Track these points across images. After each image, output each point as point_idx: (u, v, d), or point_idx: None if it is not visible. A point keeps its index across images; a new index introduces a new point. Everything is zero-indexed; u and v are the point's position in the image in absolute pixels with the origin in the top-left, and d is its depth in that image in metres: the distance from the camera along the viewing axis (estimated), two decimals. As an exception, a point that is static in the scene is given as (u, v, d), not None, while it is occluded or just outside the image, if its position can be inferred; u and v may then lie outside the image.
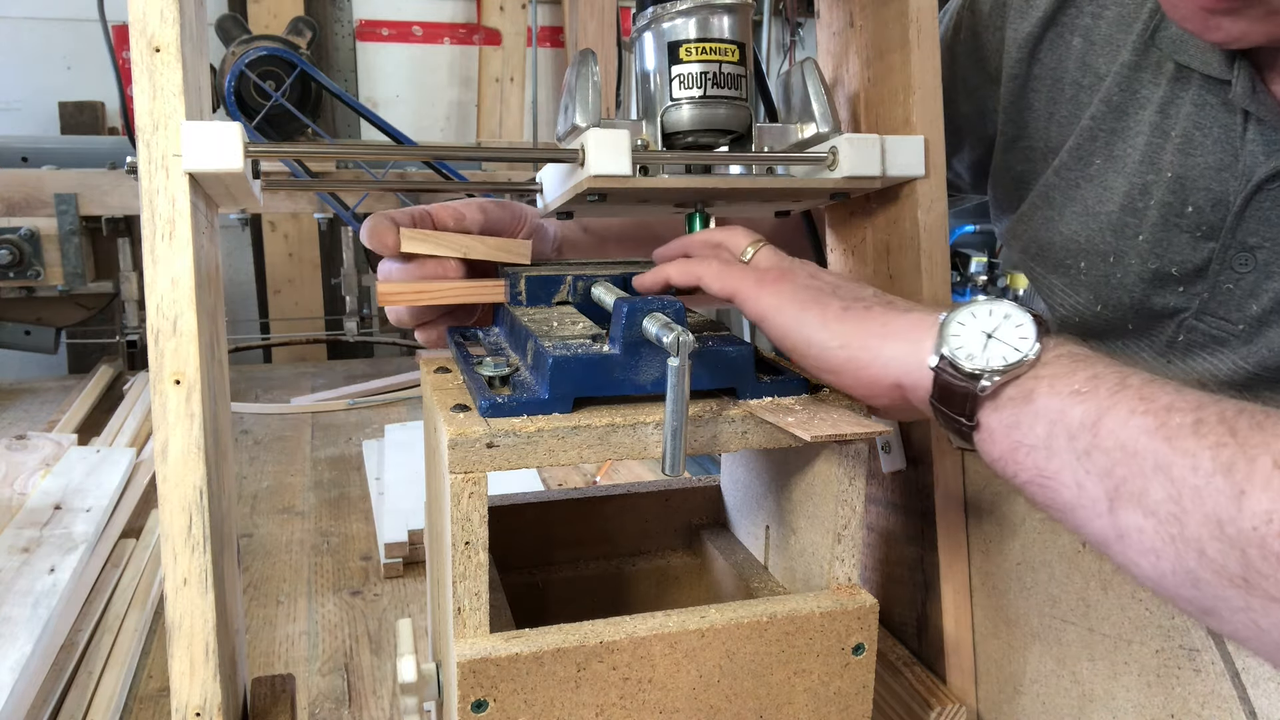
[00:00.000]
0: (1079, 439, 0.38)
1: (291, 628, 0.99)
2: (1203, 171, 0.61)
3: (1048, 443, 0.39)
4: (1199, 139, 0.61)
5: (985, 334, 0.41)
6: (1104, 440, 0.37)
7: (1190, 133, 0.61)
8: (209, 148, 0.44)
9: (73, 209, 1.76)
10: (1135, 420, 0.36)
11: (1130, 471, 0.36)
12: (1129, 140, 0.65)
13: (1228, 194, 0.60)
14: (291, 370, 2.30)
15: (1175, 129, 0.62)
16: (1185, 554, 0.35)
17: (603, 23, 3.00)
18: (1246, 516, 0.33)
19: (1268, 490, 0.32)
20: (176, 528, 0.44)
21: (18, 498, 1.19)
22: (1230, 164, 0.60)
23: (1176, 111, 0.62)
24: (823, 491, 0.51)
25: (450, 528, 0.44)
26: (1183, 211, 0.62)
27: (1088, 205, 0.67)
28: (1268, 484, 0.32)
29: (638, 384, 0.47)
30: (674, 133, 0.56)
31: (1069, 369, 0.39)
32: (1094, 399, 0.38)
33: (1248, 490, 0.33)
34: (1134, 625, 0.50)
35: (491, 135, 3.21)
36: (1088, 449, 0.37)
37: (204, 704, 0.44)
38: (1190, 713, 0.48)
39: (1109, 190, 0.66)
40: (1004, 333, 0.41)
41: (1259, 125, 0.58)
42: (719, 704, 0.48)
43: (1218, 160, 0.60)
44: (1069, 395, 0.38)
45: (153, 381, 0.43)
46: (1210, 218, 0.61)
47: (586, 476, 1.39)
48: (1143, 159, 0.64)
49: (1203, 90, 0.61)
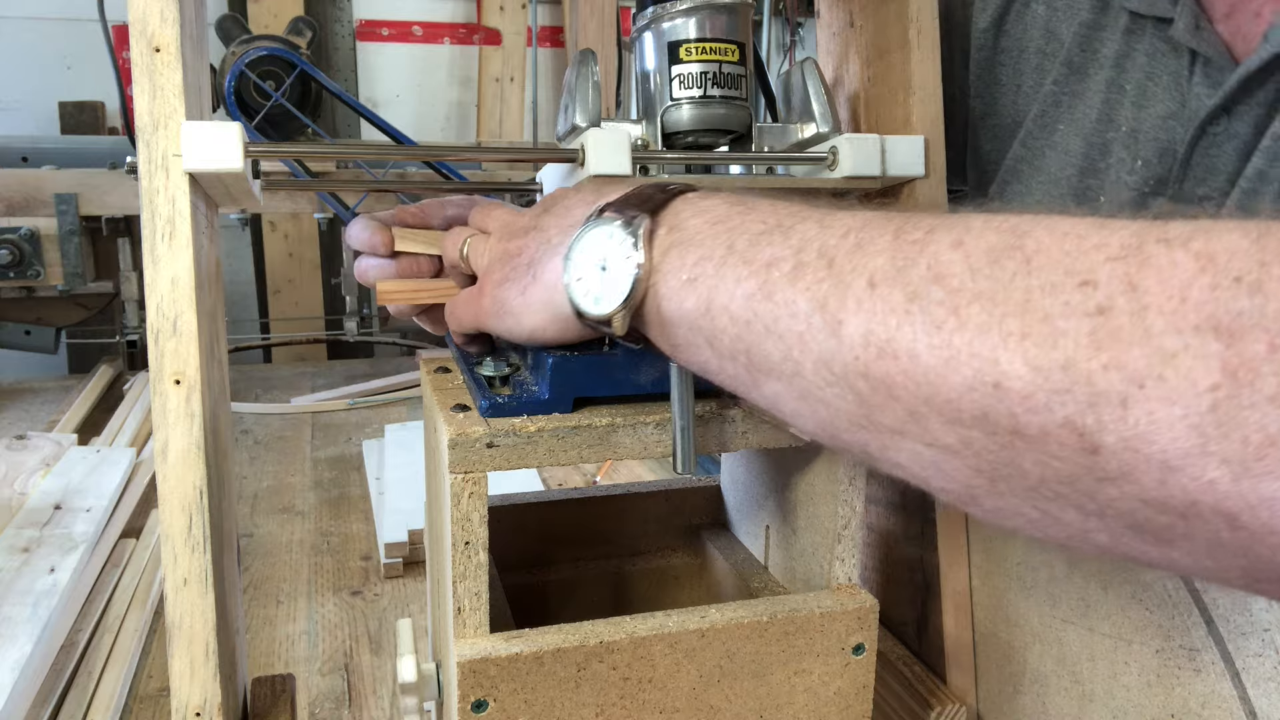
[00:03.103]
0: (702, 328, 0.36)
1: (291, 628, 0.99)
2: (1154, 122, 0.59)
3: (688, 341, 0.38)
4: (1151, 89, 0.59)
5: (600, 268, 0.39)
6: (719, 320, 0.35)
7: (1143, 84, 0.59)
8: (209, 148, 0.44)
9: (73, 209, 1.76)
10: (739, 289, 0.34)
11: (750, 342, 0.34)
12: (1088, 100, 0.63)
13: (1175, 143, 0.58)
14: (291, 370, 2.31)
15: (1130, 82, 0.60)
16: (815, 407, 0.33)
17: (603, 23, 3.00)
18: (846, 347, 0.31)
19: (860, 312, 0.30)
20: (176, 528, 0.44)
21: (18, 498, 1.19)
22: (1179, 111, 0.57)
23: (1132, 64, 0.60)
24: (823, 491, 0.51)
25: (450, 528, 0.44)
26: (1133, 167, 0.60)
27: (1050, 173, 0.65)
28: (859, 305, 0.30)
29: (638, 384, 0.47)
30: (674, 132, 0.56)
31: (678, 260, 0.37)
32: (703, 283, 0.36)
33: (843, 319, 0.31)
34: (1134, 625, 0.50)
35: (491, 135, 3.21)
36: (712, 335, 0.36)
37: (204, 704, 0.44)
38: (1190, 713, 0.48)
39: (1070, 155, 0.64)
40: (613, 258, 0.39)
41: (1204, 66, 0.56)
42: (719, 704, 0.48)
43: (1167, 108, 0.58)
44: (682, 288, 0.37)
45: (153, 381, 0.43)
46: (1158, 170, 0.59)
47: (586, 476, 1.39)
48: (1100, 117, 0.62)
49: (1155, 39, 0.59)
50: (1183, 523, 0.25)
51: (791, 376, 0.33)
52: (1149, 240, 0.26)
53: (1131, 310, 0.25)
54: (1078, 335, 0.25)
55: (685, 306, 0.37)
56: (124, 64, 0.51)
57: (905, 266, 0.30)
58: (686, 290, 0.37)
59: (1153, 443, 0.25)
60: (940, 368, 0.28)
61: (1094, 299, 0.26)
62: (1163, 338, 0.24)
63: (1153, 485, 0.25)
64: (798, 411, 0.34)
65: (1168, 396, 0.24)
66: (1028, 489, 0.28)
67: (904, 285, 0.29)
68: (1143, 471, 0.25)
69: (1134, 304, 0.25)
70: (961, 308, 0.28)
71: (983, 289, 0.28)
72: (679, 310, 0.37)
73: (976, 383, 0.27)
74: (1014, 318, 0.27)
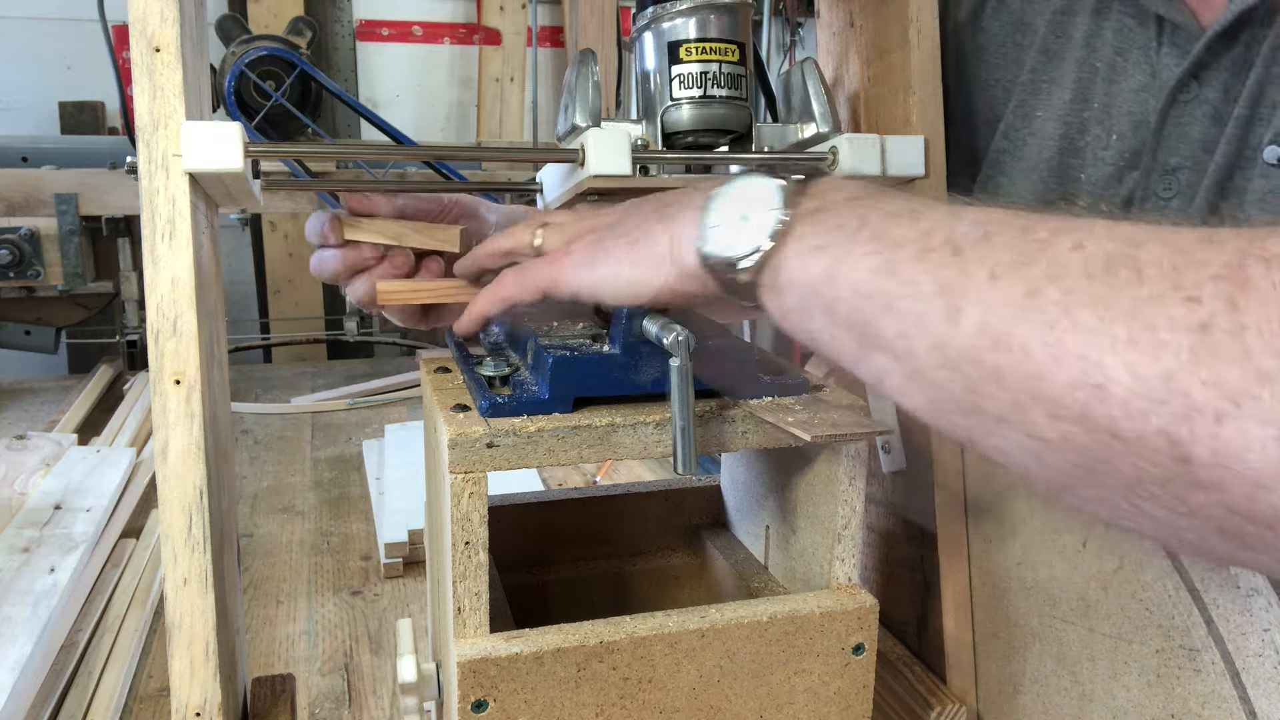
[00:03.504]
0: (823, 294, 0.37)
1: (291, 628, 0.99)
2: (1126, 96, 0.60)
3: (802, 305, 0.39)
4: (1120, 64, 0.60)
5: (741, 217, 0.41)
6: (841, 290, 0.36)
7: (1113, 60, 0.60)
8: (209, 148, 0.44)
9: (73, 209, 1.76)
10: (865, 262, 0.36)
11: (866, 315, 0.36)
12: (1062, 84, 0.63)
13: (1147, 113, 0.58)
14: (291, 370, 2.31)
15: (1100, 60, 0.61)
16: (925, 387, 0.34)
17: (603, 23, 3.00)
18: (962, 334, 0.32)
19: (979, 302, 0.31)
20: (176, 528, 0.44)
21: (18, 498, 1.19)
22: (1149, 82, 0.58)
23: (1101, 42, 0.61)
24: (823, 491, 0.51)
25: (450, 528, 0.44)
26: (1109, 142, 0.61)
27: (1029, 160, 0.66)
28: (980, 295, 0.31)
29: (638, 384, 0.47)
30: (674, 132, 0.56)
31: (814, 226, 0.39)
32: (831, 251, 0.37)
33: (963, 306, 0.32)
34: (1134, 625, 0.50)
35: (491, 135, 3.21)
36: (831, 303, 0.37)
37: (204, 704, 0.44)
38: (1190, 713, 0.48)
39: (1047, 139, 0.64)
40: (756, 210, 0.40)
41: (1173, 34, 0.57)
42: (719, 704, 0.48)
43: (1138, 81, 0.59)
44: (810, 253, 0.38)
45: (153, 381, 0.43)
46: (1132, 142, 0.59)
47: (586, 476, 1.39)
48: (1074, 97, 0.62)
49: (1121, 14, 0.60)
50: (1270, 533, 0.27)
51: (903, 355, 0.34)
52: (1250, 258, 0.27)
53: (1231, 329, 0.26)
54: (1179, 349, 0.27)
55: (810, 271, 0.38)
56: (124, 64, 0.51)
57: (1026, 263, 0.31)
58: (814, 256, 0.38)
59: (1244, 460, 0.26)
60: (1049, 364, 0.29)
61: (1197, 315, 0.27)
62: (1261, 359, 0.25)
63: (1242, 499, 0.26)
64: (904, 389, 0.35)
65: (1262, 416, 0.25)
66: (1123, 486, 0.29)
67: (1024, 281, 0.30)
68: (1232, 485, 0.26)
69: (1234, 323, 0.26)
70: (1074, 309, 0.29)
71: (1096, 294, 0.29)
72: (802, 273, 0.38)
73: (1081, 382, 0.28)
74: (1122, 325, 0.28)
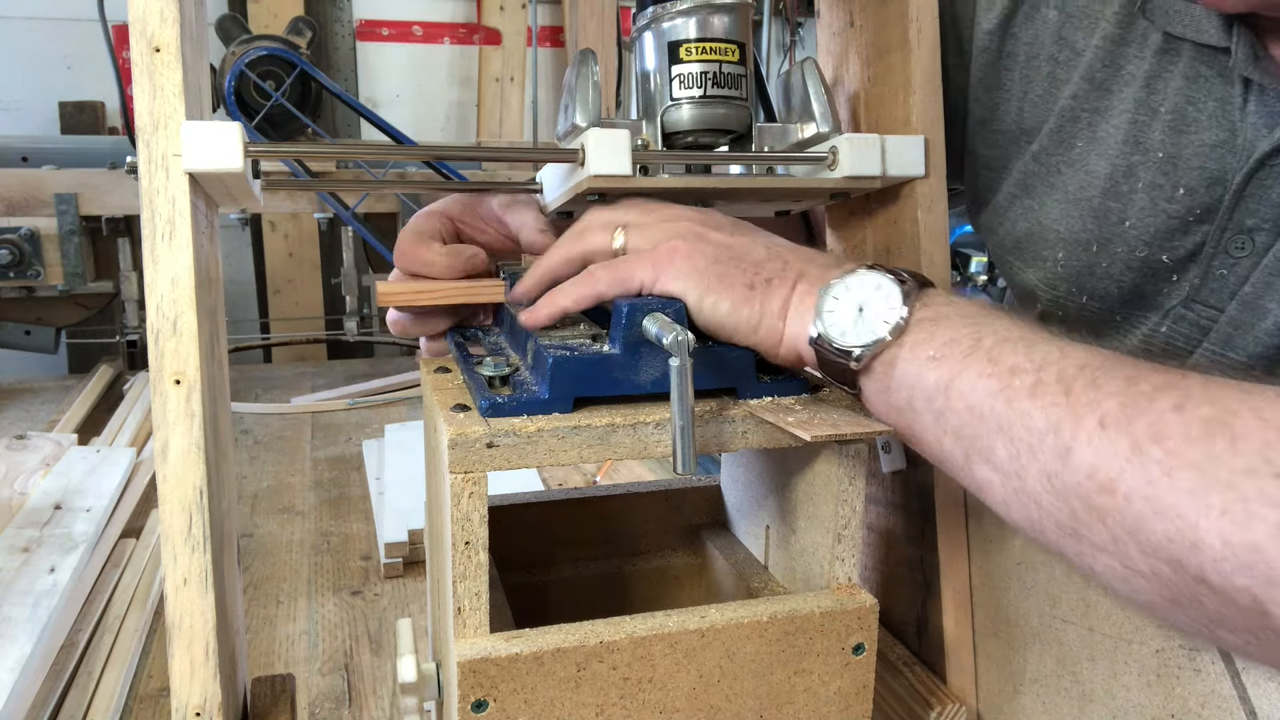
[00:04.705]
0: (935, 401, 0.41)
1: (291, 628, 0.99)
2: (1197, 149, 0.58)
3: (910, 405, 0.43)
4: (1192, 114, 0.58)
5: (858, 308, 0.44)
6: (955, 403, 0.40)
7: (1182, 108, 0.58)
8: (209, 147, 0.44)
9: (73, 209, 1.76)
10: (981, 384, 0.40)
11: (978, 431, 0.40)
12: (1112, 120, 0.61)
13: (1225, 172, 0.57)
14: (291, 370, 2.30)
15: (1164, 105, 0.59)
16: (1028, 505, 0.38)
17: (603, 23, 3.00)
18: (1071, 471, 0.36)
19: (1090, 446, 0.35)
20: (176, 528, 0.44)
21: (18, 498, 1.19)
22: (1228, 140, 0.56)
23: (1165, 86, 0.59)
24: (823, 491, 0.51)
25: (450, 528, 0.44)
26: (1174, 195, 0.59)
27: (1069, 192, 0.64)
28: (1090, 440, 0.35)
29: (638, 384, 0.47)
30: (674, 132, 0.56)
31: (928, 335, 0.43)
32: (947, 364, 0.41)
33: (1074, 447, 0.36)
34: (1134, 625, 0.50)
35: (491, 135, 3.21)
36: (942, 411, 0.41)
37: (204, 704, 0.44)
38: (1190, 713, 0.48)
39: (1091, 175, 0.62)
40: (874, 305, 0.44)
41: (1260, 95, 0.55)
42: (719, 704, 0.48)
43: (1214, 136, 0.57)
44: (926, 361, 0.42)
45: (153, 381, 0.43)
46: (1205, 199, 0.58)
47: (586, 476, 1.39)
48: (1126, 139, 0.60)
49: (1195, 62, 0.57)
50: None
51: (1011, 474, 0.39)
52: None
53: None
54: (1267, 523, 0.30)
55: (925, 378, 0.42)
56: (124, 64, 0.51)
57: (1133, 418, 0.35)
58: (929, 365, 0.42)
59: None
60: (1150, 515, 0.33)
61: None
62: None
63: None
64: (1007, 503, 0.40)
65: None
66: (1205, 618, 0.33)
67: (1130, 435, 0.34)
68: None
69: None
70: (1175, 470, 0.33)
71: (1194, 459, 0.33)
72: (917, 378, 0.42)
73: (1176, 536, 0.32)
74: (1217, 494, 0.32)
